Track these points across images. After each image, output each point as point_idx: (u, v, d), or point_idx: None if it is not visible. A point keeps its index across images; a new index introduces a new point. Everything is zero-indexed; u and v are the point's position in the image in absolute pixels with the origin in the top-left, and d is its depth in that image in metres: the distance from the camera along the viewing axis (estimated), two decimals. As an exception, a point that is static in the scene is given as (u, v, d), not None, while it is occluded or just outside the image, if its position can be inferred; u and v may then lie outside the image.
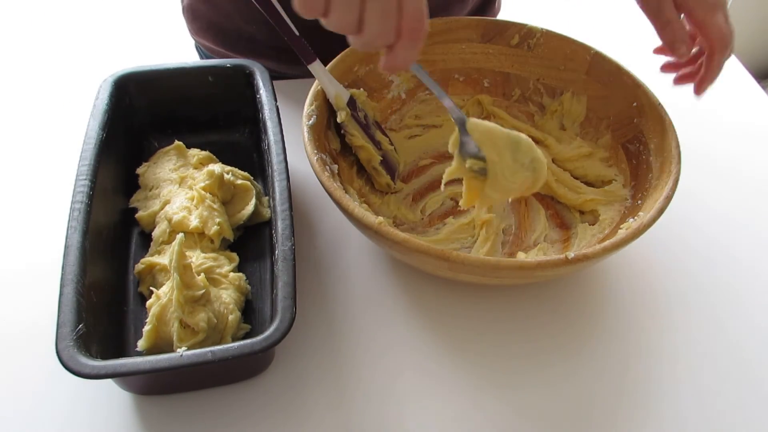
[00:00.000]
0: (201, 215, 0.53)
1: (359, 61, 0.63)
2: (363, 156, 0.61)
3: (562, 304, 0.55)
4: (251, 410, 0.48)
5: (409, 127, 0.68)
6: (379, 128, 0.63)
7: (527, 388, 0.50)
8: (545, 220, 0.61)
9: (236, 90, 0.62)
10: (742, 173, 0.68)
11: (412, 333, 0.53)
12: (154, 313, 0.46)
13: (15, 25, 1.99)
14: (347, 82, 0.62)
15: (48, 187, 0.62)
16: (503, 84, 0.67)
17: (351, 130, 0.59)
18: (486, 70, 0.66)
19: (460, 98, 0.68)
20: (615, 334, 0.53)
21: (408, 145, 0.67)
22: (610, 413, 0.49)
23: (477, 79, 0.67)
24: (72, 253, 0.45)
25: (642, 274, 0.58)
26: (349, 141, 0.60)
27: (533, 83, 0.66)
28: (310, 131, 0.54)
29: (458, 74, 0.67)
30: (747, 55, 1.04)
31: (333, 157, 0.58)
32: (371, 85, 0.65)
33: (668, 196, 0.50)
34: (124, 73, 0.60)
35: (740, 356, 0.52)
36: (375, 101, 0.65)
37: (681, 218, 0.62)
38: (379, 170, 0.61)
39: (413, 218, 0.62)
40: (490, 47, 0.65)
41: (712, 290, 0.57)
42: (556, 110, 0.65)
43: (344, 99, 0.59)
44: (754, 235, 0.62)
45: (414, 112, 0.68)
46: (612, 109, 0.61)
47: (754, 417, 0.49)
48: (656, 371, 0.51)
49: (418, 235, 0.59)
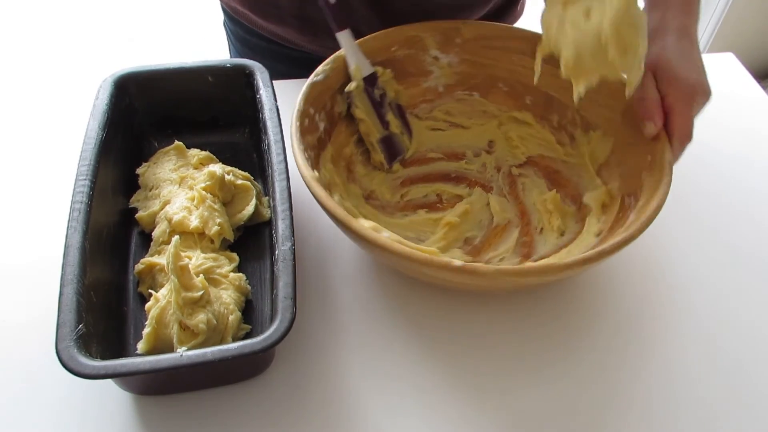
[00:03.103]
0: (201, 215, 0.53)
1: (402, 42, 0.63)
2: (362, 129, 0.62)
3: (555, 309, 0.55)
4: (251, 410, 0.48)
5: (436, 120, 0.67)
6: (399, 111, 0.64)
7: (518, 392, 0.50)
8: (513, 246, 0.58)
9: (236, 90, 0.62)
10: (742, 173, 0.68)
11: (412, 332, 0.53)
12: (153, 315, 0.46)
13: (15, 26, 1.99)
14: (380, 59, 0.62)
15: (48, 187, 0.62)
16: (544, 106, 0.64)
17: (357, 101, 0.61)
18: (532, 87, 0.62)
19: (499, 108, 0.66)
20: (603, 339, 0.53)
21: (426, 136, 0.67)
22: (602, 417, 0.49)
23: (521, 93, 0.65)
24: (72, 253, 0.45)
25: (633, 278, 0.58)
26: (352, 111, 0.61)
27: (572, 113, 0.62)
28: (311, 87, 0.56)
29: (503, 84, 0.65)
30: (747, 55, 1.04)
31: (331, 118, 0.60)
32: (408, 69, 0.65)
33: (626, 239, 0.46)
34: (124, 73, 0.60)
35: (735, 359, 0.52)
36: (407, 86, 0.65)
37: (680, 219, 0.62)
38: (375, 147, 0.63)
39: (389, 198, 0.63)
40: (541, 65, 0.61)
41: (705, 292, 0.57)
42: (584, 145, 0.61)
43: (363, 72, 0.60)
44: (754, 236, 0.62)
45: (446, 108, 0.67)
46: (631, 158, 0.56)
47: (752, 420, 0.49)
48: (648, 376, 0.51)
49: (384, 215, 0.60)
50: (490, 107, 0.66)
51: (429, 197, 0.64)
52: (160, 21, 1.95)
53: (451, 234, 0.59)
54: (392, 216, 0.61)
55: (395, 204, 0.63)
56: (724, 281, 0.58)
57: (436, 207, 0.63)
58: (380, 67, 0.62)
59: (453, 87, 0.66)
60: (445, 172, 0.66)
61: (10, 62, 1.84)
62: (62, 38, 1.93)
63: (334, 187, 0.56)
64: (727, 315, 0.55)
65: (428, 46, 0.64)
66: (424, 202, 0.63)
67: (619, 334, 0.54)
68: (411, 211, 0.62)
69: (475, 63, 0.65)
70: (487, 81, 0.65)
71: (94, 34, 1.95)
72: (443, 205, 0.63)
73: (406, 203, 0.63)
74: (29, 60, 1.86)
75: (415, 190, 0.64)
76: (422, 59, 0.65)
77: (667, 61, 0.53)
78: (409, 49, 0.64)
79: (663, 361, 0.52)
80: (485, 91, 0.66)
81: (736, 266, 0.59)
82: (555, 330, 0.54)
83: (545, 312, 0.55)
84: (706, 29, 1.78)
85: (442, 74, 0.66)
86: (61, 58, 1.85)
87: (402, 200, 0.63)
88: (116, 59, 1.64)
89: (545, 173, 0.63)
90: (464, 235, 0.60)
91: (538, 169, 0.64)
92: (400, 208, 0.63)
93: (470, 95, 0.66)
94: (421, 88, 0.66)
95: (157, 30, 1.92)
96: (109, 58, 1.82)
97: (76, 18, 2.01)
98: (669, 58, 0.53)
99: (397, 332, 0.53)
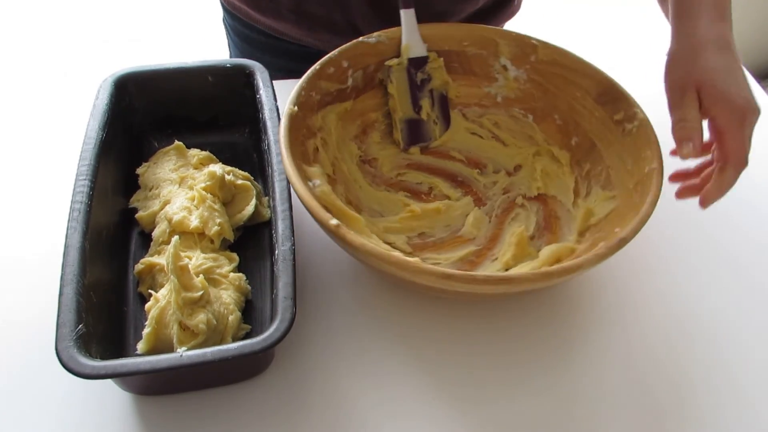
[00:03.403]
0: (201, 215, 0.53)
1: (475, 40, 0.63)
2: (390, 104, 0.64)
3: (545, 315, 0.55)
4: (251, 410, 0.48)
5: (481, 127, 0.66)
6: (441, 101, 0.64)
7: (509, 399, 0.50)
8: (457, 259, 0.57)
9: (236, 90, 0.62)
10: (741, 173, 0.67)
11: (412, 331, 0.53)
12: (153, 316, 0.46)
13: (14, 26, 1.99)
14: (446, 48, 0.63)
15: (48, 187, 0.62)
16: (587, 153, 0.60)
17: (393, 77, 0.62)
18: (583, 129, 0.60)
19: (545, 138, 0.63)
20: (593, 344, 0.53)
21: (462, 136, 0.66)
22: (593, 422, 0.48)
23: (570, 132, 0.62)
24: (72, 253, 0.45)
25: (623, 284, 0.57)
26: (386, 84, 0.63)
27: (604, 168, 0.58)
28: (356, 44, 0.60)
29: (559, 116, 0.63)
30: (747, 55, 1.04)
31: (369, 80, 0.62)
32: (474, 68, 0.64)
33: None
34: (124, 73, 0.60)
35: (728, 362, 0.52)
36: (466, 85, 0.65)
37: (674, 221, 0.62)
38: (396, 125, 0.64)
39: (386, 172, 0.64)
40: (598, 110, 0.59)
41: (695, 296, 0.57)
42: (592, 202, 0.57)
43: (411, 53, 0.61)
44: (755, 236, 0.62)
45: (497, 119, 0.66)
46: (623, 223, 0.50)
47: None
48: (633, 387, 0.50)
49: (368, 182, 0.62)
50: (537, 135, 0.64)
51: (421, 186, 0.63)
52: (159, 21, 1.96)
53: (409, 222, 0.59)
54: (375, 186, 0.62)
55: (387, 178, 0.63)
56: (718, 285, 0.58)
57: (420, 197, 0.63)
58: (435, 53, 0.62)
59: (512, 102, 0.65)
60: (454, 173, 0.65)
61: (11, 63, 1.84)
62: (62, 38, 1.93)
63: (324, 146, 0.58)
64: (720, 319, 0.55)
65: (501, 53, 0.63)
66: (412, 188, 0.63)
67: (606, 344, 0.53)
68: (394, 190, 0.63)
69: (541, 86, 0.63)
70: (546, 108, 0.63)
71: (95, 34, 1.95)
72: (427, 198, 0.63)
73: (397, 182, 0.63)
74: (30, 60, 1.86)
75: (412, 175, 0.64)
76: (491, 64, 0.64)
77: (713, 80, 0.49)
78: (480, 49, 0.63)
79: (647, 372, 0.51)
80: (540, 118, 0.64)
81: (735, 269, 0.59)
82: (548, 336, 0.53)
83: (538, 318, 0.55)
84: (706, 29, 1.77)
85: (505, 85, 0.65)
86: (61, 58, 1.85)
87: (396, 178, 0.64)
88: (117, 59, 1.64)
89: (545, 214, 0.61)
90: (422, 229, 0.59)
91: (542, 207, 0.61)
92: (388, 183, 0.63)
93: (525, 116, 0.65)
94: (481, 91, 0.65)
95: (157, 30, 1.92)
96: (110, 58, 1.82)
97: (76, 18, 2.01)
98: (714, 77, 0.49)
99: (397, 331, 0.53)
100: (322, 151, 0.57)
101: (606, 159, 0.58)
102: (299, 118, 0.53)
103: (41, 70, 1.83)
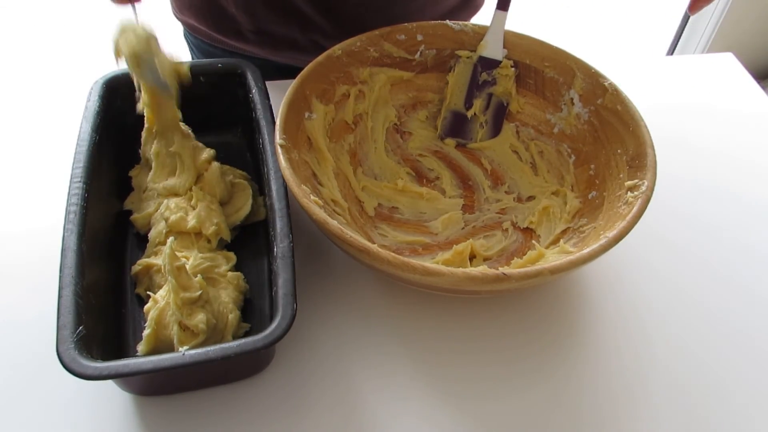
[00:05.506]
0: (198, 215, 0.53)
1: (556, 65, 0.61)
2: (444, 91, 0.65)
3: (541, 311, 0.55)
4: (252, 409, 0.48)
5: (526, 149, 0.64)
6: (497, 108, 0.64)
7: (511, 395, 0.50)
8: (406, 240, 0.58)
9: (228, 90, 0.62)
10: (741, 173, 0.68)
11: (413, 329, 0.53)
12: (153, 317, 0.46)
13: (7, 28, 1.97)
14: (527, 62, 0.62)
15: (43, 190, 0.62)
16: (592, 211, 0.56)
17: (457, 67, 0.64)
18: (604, 187, 0.57)
19: (573, 184, 0.60)
20: (592, 343, 0.54)
21: (502, 151, 0.65)
22: (593, 422, 0.49)
23: (594, 186, 0.58)
24: (69, 256, 0.45)
25: (621, 282, 0.58)
26: (453, 70, 0.64)
27: (591, 229, 0.54)
28: (440, 25, 0.62)
29: (594, 167, 0.59)
30: (747, 55, 1.05)
31: (438, 62, 0.64)
32: (546, 92, 0.63)
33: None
34: (115, 74, 0.59)
35: (724, 363, 0.53)
36: (533, 105, 0.64)
37: (671, 219, 0.62)
38: (441, 112, 0.65)
39: (409, 147, 0.66)
40: (624, 172, 0.55)
41: (693, 296, 0.57)
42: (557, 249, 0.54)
43: (485, 52, 0.62)
44: (753, 237, 0.62)
45: (544, 148, 0.63)
46: None
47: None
48: (626, 386, 0.51)
49: (388, 151, 0.64)
50: (568, 177, 0.61)
51: (431, 173, 0.65)
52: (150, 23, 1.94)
53: (389, 192, 0.61)
54: (390, 154, 0.65)
55: (406, 153, 0.65)
56: (715, 286, 0.58)
57: (422, 179, 0.64)
58: (512, 62, 0.62)
59: (565, 137, 0.62)
60: (468, 175, 0.65)
61: (4, 64, 1.82)
62: (54, 40, 1.91)
63: (358, 97, 0.61)
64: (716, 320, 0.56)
65: (574, 85, 0.61)
66: (421, 171, 0.65)
67: (600, 343, 0.54)
68: (405, 164, 0.65)
69: (595, 131, 0.59)
70: (590, 154, 0.60)
71: (86, 35, 1.93)
72: (427, 183, 0.64)
73: (413, 159, 0.65)
74: (23, 63, 1.84)
75: (430, 161, 0.65)
76: (562, 93, 0.62)
77: None
78: (558, 75, 0.61)
79: (640, 371, 0.52)
80: (580, 162, 0.60)
81: (734, 271, 0.59)
82: (547, 333, 0.54)
83: (540, 314, 0.55)
84: (706, 29, 1.76)
85: (566, 119, 0.62)
86: (52, 61, 1.83)
87: (414, 156, 0.65)
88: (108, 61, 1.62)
89: (519, 246, 0.59)
90: (397, 204, 0.61)
91: (522, 239, 0.59)
92: (404, 156, 0.65)
93: (569, 155, 0.62)
94: (543, 116, 0.64)
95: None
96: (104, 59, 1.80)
97: (68, 19, 1.99)
98: None
99: (397, 329, 0.53)
100: (352, 99, 0.61)
101: (598, 220, 0.54)
102: (342, 63, 0.56)
103: (36, 72, 1.81)
